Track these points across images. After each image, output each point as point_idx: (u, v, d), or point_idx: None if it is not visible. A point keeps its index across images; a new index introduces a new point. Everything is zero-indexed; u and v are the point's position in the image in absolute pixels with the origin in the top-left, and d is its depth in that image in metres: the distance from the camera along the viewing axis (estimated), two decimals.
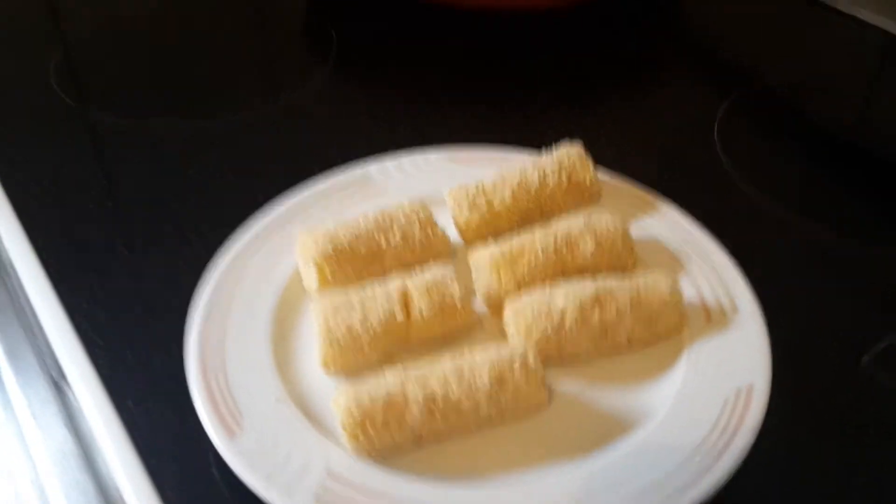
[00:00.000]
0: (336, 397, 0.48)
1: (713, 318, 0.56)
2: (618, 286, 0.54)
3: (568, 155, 0.63)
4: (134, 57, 0.94)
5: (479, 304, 0.58)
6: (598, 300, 0.53)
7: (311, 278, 0.58)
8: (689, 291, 0.57)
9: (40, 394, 0.58)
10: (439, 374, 0.49)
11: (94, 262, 0.65)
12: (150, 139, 0.79)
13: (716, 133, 0.79)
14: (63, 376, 0.57)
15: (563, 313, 0.52)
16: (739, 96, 0.85)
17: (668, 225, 0.63)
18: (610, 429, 0.50)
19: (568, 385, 0.53)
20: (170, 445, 0.51)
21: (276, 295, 0.58)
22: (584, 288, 0.54)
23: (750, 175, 0.74)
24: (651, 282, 0.55)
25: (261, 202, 0.65)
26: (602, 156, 0.67)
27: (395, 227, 0.58)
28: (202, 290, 0.57)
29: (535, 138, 0.69)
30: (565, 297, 0.53)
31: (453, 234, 0.62)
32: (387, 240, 0.58)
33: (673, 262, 0.60)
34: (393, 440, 0.48)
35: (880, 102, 0.89)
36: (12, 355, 0.64)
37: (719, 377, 0.52)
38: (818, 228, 0.68)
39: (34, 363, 0.62)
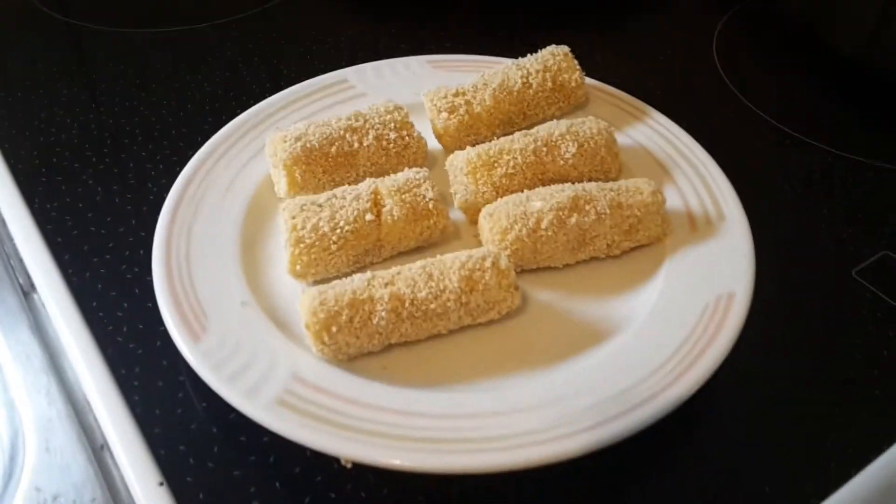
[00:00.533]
0: (302, 299, 0.47)
1: (698, 226, 0.54)
2: (597, 190, 0.52)
3: (553, 55, 0.61)
4: None
5: (457, 213, 0.56)
6: (575, 203, 0.51)
7: (281, 182, 0.55)
8: (674, 200, 0.55)
9: (7, 301, 0.57)
10: (407, 276, 0.47)
11: (64, 169, 0.63)
12: (124, 48, 0.77)
13: (714, 46, 0.76)
14: (32, 285, 0.56)
15: (538, 215, 0.50)
16: (739, 10, 0.81)
17: (657, 133, 0.60)
18: (585, 337, 0.49)
19: (544, 293, 0.52)
20: (137, 350, 0.50)
21: (245, 200, 0.56)
22: (562, 191, 0.52)
23: (747, 89, 0.71)
24: (632, 186, 0.53)
25: (236, 110, 0.63)
26: (594, 69, 0.64)
27: (369, 129, 0.56)
28: (170, 195, 0.55)
29: (524, 52, 0.66)
30: (542, 200, 0.51)
31: (433, 143, 0.60)
32: (360, 141, 0.55)
33: (660, 171, 0.58)
34: (358, 342, 0.46)
35: (888, 24, 0.85)
36: None
37: (699, 284, 0.50)
38: (814, 143, 0.65)
39: (2, 271, 0.60)
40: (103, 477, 0.45)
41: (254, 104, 0.63)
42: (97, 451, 0.46)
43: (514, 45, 0.68)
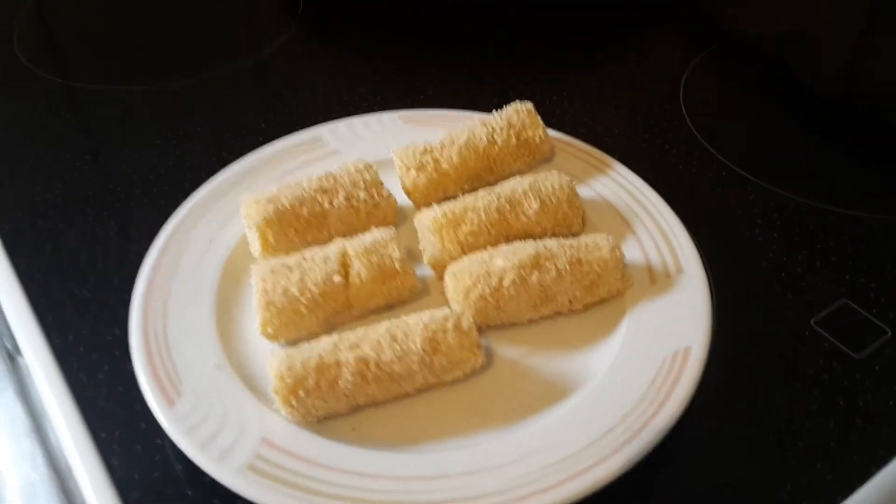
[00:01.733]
0: (270, 362, 0.49)
1: (657, 280, 0.56)
2: (558, 248, 0.54)
3: (517, 112, 0.63)
4: (90, 22, 0.93)
5: (427, 270, 0.58)
6: (537, 262, 0.53)
7: (255, 243, 0.57)
8: (635, 253, 0.57)
9: None
10: (372, 338, 0.49)
11: (49, 230, 0.65)
12: (106, 105, 0.79)
13: (682, 92, 0.78)
14: (17, 348, 0.57)
15: (501, 275, 0.52)
16: (709, 54, 0.83)
17: (619, 186, 0.62)
18: (548, 393, 0.51)
19: (508, 350, 0.53)
20: (117, 413, 0.52)
21: (221, 261, 0.58)
22: (524, 249, 0.53)
23: (713, 136, 0.73)
24: (592, 243, 0.54)
25: (216, 166, 0.65)
26: (561, 118, 0.66)
27: (339, 189, 0.58)
28: (147, 257, 0.57)
29: (496, 102, 0.67)
30: (505, 258, 0.53)
31: (402, 198, 0.62)
32: (331, 202, 0.57)
33: (621, 224, 0.60)
34: (327, 405, 0.48)
35: (862, 64, 0.87)
36: None
37: (657, 339, 0.52)
38: (777, 190, 0.67)
39: None
40: None
41: (233, 159, 0.65)
42: None
43: (484, 96, 0.71)
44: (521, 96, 0.66)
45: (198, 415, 0.48)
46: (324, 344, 0.49)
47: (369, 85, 0.79)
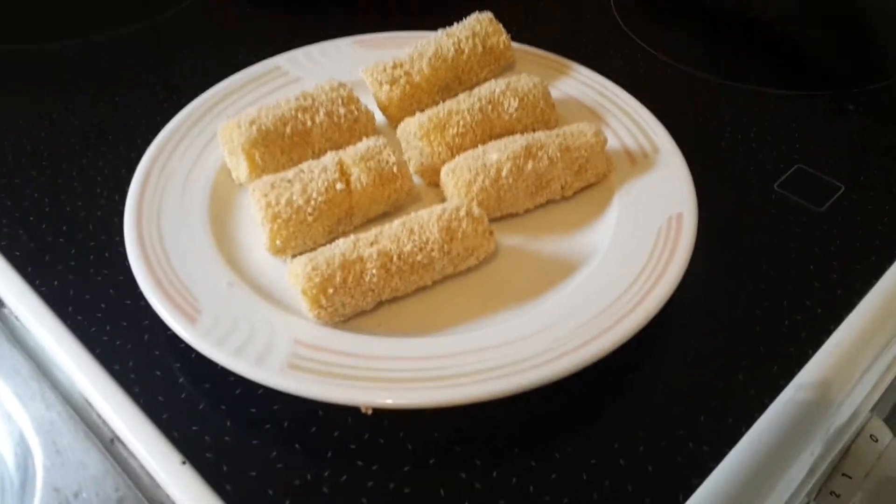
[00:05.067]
0: (291, 268, 0.48)
1: (637, 161, 0.59)
2: (546, 138, 0.56)
3: (478, 21, 0.64)
4: None
5: (415, 178, 0.58)
6: (529, 151, 0.55)
7: (240, 168, 0.57)
8: (611, 141, 0.60)
9: None
10: (390, 233, 0.50)
11: (4, 187, 0.62)
12: (40, 62, 0.76)
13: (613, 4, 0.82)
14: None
15: (497, 166, 0.54)
16: None
17: (583, 84, 0.65)
18: (557, 271, 0.53)
19: (511, 239, 0.55)
20: (126, 346, 0.50)
21: (206, 191, 0.57)
22: (515, 142, 0.55)
23: (647, 37, 0.77)
24: (576, 130, 0.57)
25: (170, 111, 0.63)
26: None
27: (319, 106, 0.58)
28: (131, 192, 0.56)
29: (440, 23, 0.68)
30: (498, 151, 0.54)
31: (378, 116, 0.62)
32: (312, 119, 0.57)
33: (593, 117, 0.62)
34: (354, 302, 0.48)
35: None
36: None
37: (650, 210, 0.55)
38: (714, 79, 0.72)
39: None
40: (121, 468, 0.45)
41: (186, 102, 0.64)
42: (108, 445, 0.46)
43: (428, 23, 0.71)
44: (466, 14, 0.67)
45: (222, 328, 0.47)
46: (342, 245, 0.49)
47: (315, 15, 0.79)
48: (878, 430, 0.54)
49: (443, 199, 0.56)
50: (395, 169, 0.54)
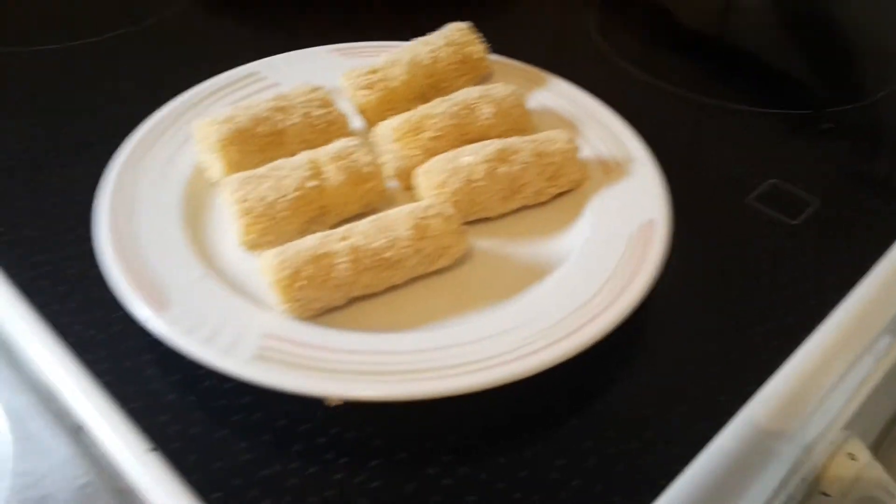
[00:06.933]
0: (263, 262, 0.48)
1: (611, 170, 0.59)
2: (520, 143, 0.56)
3: (456, 30, 0.65)
4: None
5: (391, 182, 0.58)
6: (502, 155, 0.55)
7: (215, 167, 0.56)
8: (586, 150, 0.60)
9: None
10: (360, 230, 0.50)
11: None
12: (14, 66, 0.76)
13: (591, 22, 0.83)
14: None
15: (470, 168, 0.54)
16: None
17: (558, 95, 0.66)
18: (529, 274, 0.53)
19: (483, 242, 0.55)
20: (98, 336, 0.50)
21: (180, 189, 0.56)
22: (488, 145, 0.56)
23: (626, 54, 0.78)
24: (549, 137, 0.57)
25: (144, 114, 0.63)
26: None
27: (294, 108, 0.58)
28: (103, 189, 0.55)
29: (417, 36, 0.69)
30: (472, 154, 0.55)
31: (356, 121, 0.63)
32: (287, 120, 0.57)
33: (568, 125, 0.63)
34: (324, 295, 0.48)
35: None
36: None
37: (622, 217, 0.55)
38: (692, 96, 0.73)
39: None
40: (89, 455, 0.44)
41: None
42: (75, 433, 0.45)
43: (406, 35, 0.72)
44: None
45: (191, 319, 0.47)
46: (312, 239, 0.49)
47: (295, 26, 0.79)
48: (856, 449, 0.54)
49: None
50: (366, 169, 0.54)
